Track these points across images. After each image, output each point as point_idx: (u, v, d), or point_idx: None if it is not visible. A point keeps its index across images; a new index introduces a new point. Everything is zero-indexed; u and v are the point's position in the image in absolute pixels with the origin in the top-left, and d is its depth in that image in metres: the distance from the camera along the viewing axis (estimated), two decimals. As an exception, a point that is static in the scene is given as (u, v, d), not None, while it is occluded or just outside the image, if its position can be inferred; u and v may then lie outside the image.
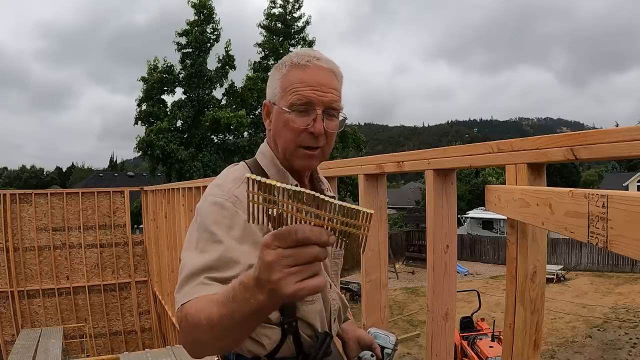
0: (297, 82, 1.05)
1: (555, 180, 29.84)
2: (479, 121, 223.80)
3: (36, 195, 9.94)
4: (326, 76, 1.07)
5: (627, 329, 12.24)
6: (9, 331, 9.22)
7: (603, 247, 0.77)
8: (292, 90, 1.05)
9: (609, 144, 1.02)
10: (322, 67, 1.07)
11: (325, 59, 1.09)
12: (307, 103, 1.05)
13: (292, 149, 1.08)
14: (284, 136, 1.08)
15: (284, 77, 1.08)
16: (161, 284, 8.87)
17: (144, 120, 21.27)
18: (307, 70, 1.06)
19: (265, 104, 1.13)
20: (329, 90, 1.06)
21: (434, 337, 1.74)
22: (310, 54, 1.08)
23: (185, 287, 0.92)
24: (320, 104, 1.05)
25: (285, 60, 1.10)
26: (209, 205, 1.03)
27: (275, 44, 23.04)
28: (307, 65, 1.06)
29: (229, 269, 0.93)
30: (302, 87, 1.05)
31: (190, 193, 5.94)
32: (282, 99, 1.07)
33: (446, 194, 1.73)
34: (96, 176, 45.69)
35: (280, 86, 1.08)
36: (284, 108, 1.06)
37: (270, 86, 1.12)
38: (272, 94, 1.11)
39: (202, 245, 0.98)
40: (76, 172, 70.56)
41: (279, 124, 1.09)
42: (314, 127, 1.05)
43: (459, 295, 5.45)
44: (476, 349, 7.68)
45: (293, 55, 1.09)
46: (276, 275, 0.66)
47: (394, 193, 44.41)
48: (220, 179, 1.11)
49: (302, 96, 1.04)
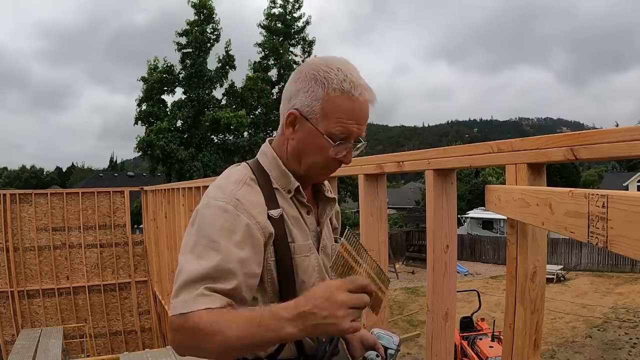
0: (344, 113, 1.03)
1: (555, 180, 29.83)
2: (479, 121, 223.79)
3: (36, 195, 9.94)
4: (366, 108, 1.07)
5: (627, 329, 12.24)
6: (9, 331, 9.22)
7: (603, 247, 0.77)
8: (338, 121, 1.03)
9: (609, 144, 1.02)
10: (367, 100, 1.06)
11: (370, 89, 1.07)
12: (347, 136, 1.06)
13: (317, 171, 1.11)
14: (313, 158, 1.08)
15: (329, 100, 1.03)
16: (161, 284, 8.87)
17: (144, 120, 21.28)
18: (356, 104, 1.04)
19: (293, 114, 1.06)
20: (365, 123, 1.08)
21: (434, 337, 1.74)
22: (360, 84, 1.04)
23: (183, 295, 0.91)
24: (356, 137, 1.07)
25: (331, 78, 1.03)
26: (210, 209, 1.01)
27: (275, 44, 23.05)
28: (358, 98, 1.03)
29: (226, 280, 0.93)
30: (348, 122, 1.04)
31: (190, 193, 5.94)
32: (322, 122, 1.04)
33: (446, 194, 1.73)
34: (96, 176, 45.69)
35: (322, 108, 1.03)
36: (325, 135, 1.04)
37: (306, 97, 1.05)
38: (309, 109, 1.05)
39: (200, 250, 0.97)
40: (76, 172, 70.57)
41: (310, 145, 1.07)
42: (344, 158, 1.08)
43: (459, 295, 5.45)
44: (476, 349, 7.67)
45: (341, 76, 1.03)
46: (341, 313, 0.83)
47: (394, 193, 44.39)
48: (222, 181, 1.10)
49: (346, 130, 1.04)
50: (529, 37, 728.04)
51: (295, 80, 1.09)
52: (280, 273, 1.05)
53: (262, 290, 1.05)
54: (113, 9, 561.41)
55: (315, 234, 1.16)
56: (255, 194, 1.05)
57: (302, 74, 1.07)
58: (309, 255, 1.11)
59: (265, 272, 1.04)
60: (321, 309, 0.84)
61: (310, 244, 1.12)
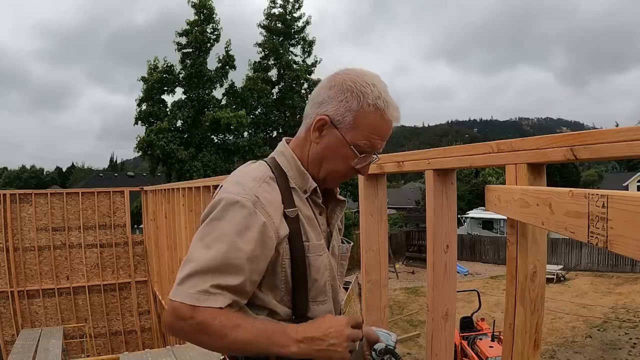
0: (374, 129, 1.09)
1: (555, 180, 29.83)
2: (479, 121, 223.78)
3: (36, 195, 9.95)
4: (392, 127, 1.13)
5: (627, 329, 12.24)
6: (9, 331, 9.23)
7: (603, 247, 0.77)
8: (367, 135, 1.08)
9: (609, 144, 1.02)
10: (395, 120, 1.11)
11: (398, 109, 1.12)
12: (371, 150, 1.11)
13: (336, 177, 1.15)
14: (335, 165, 1.12)
15: (363, 114, 1.07)
16: (161, 284, 8.87)
17: (144, 120, 21.25)
18: (386, 122, 1.09)
19: (323, 119, 1.09)
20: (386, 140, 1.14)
21: (434, 337, 1.74)
22: (393, 104, 1.10)
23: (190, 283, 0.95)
24: (377, 151, 1.14)
25: (367, 92, 1.07)
26: (227, 202, 1.02)
27: (275, 44, 23.03)
28: (389, 117, 1.09)
29: (233, 275, 0.97)
30: (375, 137, 1.09)
31: (190, 193, 5.94)
32: (351, 132, 1.08)
33: (446, 194, 1.73)
34: (96, 176, 45.69)
35: (354, 119, 1.07)
36: (352, 146, 1.09)
37: (339, 105, 1.08)
38: (340, 118, 1.08)
39: (210, 240, 0.99)
40: (76, 172, 70.51)
41: (335, 152, 1.11)
42: (362, 169, 1.14)
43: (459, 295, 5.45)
44: (476, 349, 7.67)
45: (376, 93, 1.08)
46: (345, 344, 1.02)
47: (394, 193, 44.41)
48: (239, 177, 1.10)
49: (372, 144, 1.10)
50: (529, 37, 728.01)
51: (329, 87, 1.10)
52: (295, 271, 1.08)
53: (274, 287, 1.07)
54: (113, 9, 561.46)
55: (325, 235, 1.19)
56: (273, 193, 1.07)
57: (337, 82, 1.09)
58: (321, 254, 1.13)
59: (279, 269, 1.07)
60: (330, 338, 1.00)
61: (323, 243, 1.15)
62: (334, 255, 1.22)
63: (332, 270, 1.18)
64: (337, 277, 1.22)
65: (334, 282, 1.19)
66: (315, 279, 1.10)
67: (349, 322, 1.05)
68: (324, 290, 1.13)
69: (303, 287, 1.09)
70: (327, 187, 1.19)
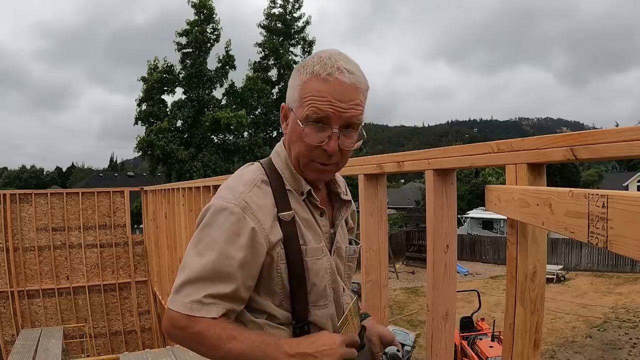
0: (315, 93, 0.99)
1: (555, 180, 29.82)
2: (479, 121, 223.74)
3: (36, 195, 9.95)
4: (348, 90, 0.99)
5: (627, 329, 12.24)
6: (9, 331, 9.22)
7: (603, 247, 0.77)
8: (309, 102, 0.99)
9: (609, 144, 1.02)
10: (344, 81, 0.99)
11: (349, 70, 1.00)
12: (323, 118, 0.99)
13: (305, 162, 1.06)
14: (297, 148, 1.05)
15: (303, 84, 1.01)
16: (161, 284, 8.87)
17: (144, 120, 21.26)
18: (328, 83, 0.98)
19: (283, 107, 1.08)
20: (349, 107, 1.00)
21: (434, 337, 1.74)
22: (334, 64, 0.99)
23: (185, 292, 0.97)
24: (338, 120, 0.99)
25: (307, 64, 1.02)
26: (217, 209, 1.01)
27: (275, 44, 23.03)
28: (328, 78, 0.98)
29: (225, 283, 0.97)
30: (319, 100, 0.98)
31: (190, 193, 5.94)
32: (299, 108, 1.02)
33: (446, 194, 1.73)
34: (96, 176, 45.70)
35: (299, 94, 1.02)
36: (299, 121, 1.01)
37: (290, 88, 1.06)
38: (291, 99, 1.05)
39: (202, 248, 1.00)
40: (76, 172, 70.50)
41: (294, 134, 1.04)
42: (327, 145, 1.01)
43: (459, 295, 5.44)
44: (476, 349, 7.67)
45: (316, 60, 1.01)
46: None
47: (394, 193, 44.40)
48: (232, 181, 1.09)
49: (318, 109, 0.99)
50: (529, 37, 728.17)
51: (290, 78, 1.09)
52: (292, 275, 1.05)
53: (272, 291, 1.06)
54: (113, 9, 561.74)
55: (328, 236, 1.15)
56: (265, 197, 1.05)
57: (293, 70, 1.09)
58: (320, 258, 1.09)
59: (275, 274, 1.04)
60: (323, 356, 0.99)
61: (323, 246, 1.11)
62: (340, 257, 1.18)
63: (334, 273, 1.14)
64: (341, 279, 1.18)
65: (336, 285, 1.14)
66: (314, 282, 1.07)
67: (344, 340, 1.03)
68: (324, 294, 1.10)
69: (302, 291, 1.06)
70: (311, 177, 1.10)
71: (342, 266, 1.19)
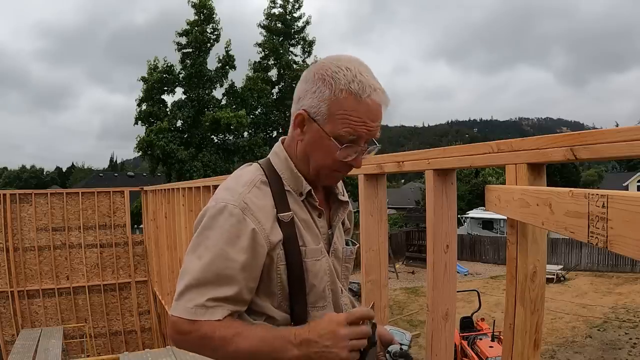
0: (351, 114, 0.99)
1: (555, 180, 29.81)
2: (479, 121, 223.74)
3: (36, 195, 9.95)
4: (379, 110, 1.02)
5: (627, 329, 12.24)
6: (9, 331, 9.22)
7: (603, 247, 0.77)
8: (344, 122, 1.00)
9: (609, 144, 1.02)
10: (377, 102, 1.01)
11: (381, 90, 1.02)
12: (356, 139, 1.02)
13: (327, 172, 1.08)
14: (321, 160, 1.05)
15: (336, 100, 0.99)
16: (161, 284, 8.87)
17: (144, 120, 21.25)
18: (364, 105, 0.99)
19: (301, 114, 1.04)
20: (377, 125, 1.03)
21: (434, 337, 1.74)
22: (368, 83, 1.00)
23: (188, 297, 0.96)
24: (367, 138, 1.04)
25: (339, 78, 0.99)
26: (217, 211, 1.01)
27: (275, 44, 23.03)
28: (366, 100, 0.99)
29: (227, 286, 0.97)
30: (356, 122, 1.00)
31: (190, 193, 5.94)
32: (328, 123, 1.01)
33: (446, 194, 1.73)
34: (96, 176, 45.72)
35: (328, 108, 1.00)
36: (331, 137, 1.01)
37: (312, 97, 1.02)
38: (315, 109, 1.02)
39: (202, 251, 0.99)
40: (76, 172, 70.52)
41: (317, 146, 1.04)
42: (355, 161, 1.05)
43: (459, 295, 5.44)
44: (476, 349, 7.67)
45: (349, 76, 0.99)
46: (342, 344, 0.95)
47: (394, 193, 44.40)
48: (230, 182, 1.08)
49: (354, 131, 1.00)
50: (529, 37, 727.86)
51: (305, 81, 1.06)
52: (291, 277, 1.05)
53: (271, 293, 1.05)
54: (113, 9, 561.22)
55: (326, 237, 1.15)
56: (264, 198, 1.04)
57: (311, 74, 1.04)
58: (319, 259, 1.09)
59: (274, 275, 1.04)
60: (324, 340, 0.95)
61: (321, 247, 1.11)
62: (337, 258, 1.18)
63: (333, 274, 1.14)
64: (339, 280, 1.18)
65: (335, 286, 1.14)
66: (313, 284, 1.07)
67: (343, 320, 0.97)
68: (323, 295, 1.10)
69: (301, 292, 1.06)
70: (325, 184, 1.14)
71: (339, 267, 1.19)
